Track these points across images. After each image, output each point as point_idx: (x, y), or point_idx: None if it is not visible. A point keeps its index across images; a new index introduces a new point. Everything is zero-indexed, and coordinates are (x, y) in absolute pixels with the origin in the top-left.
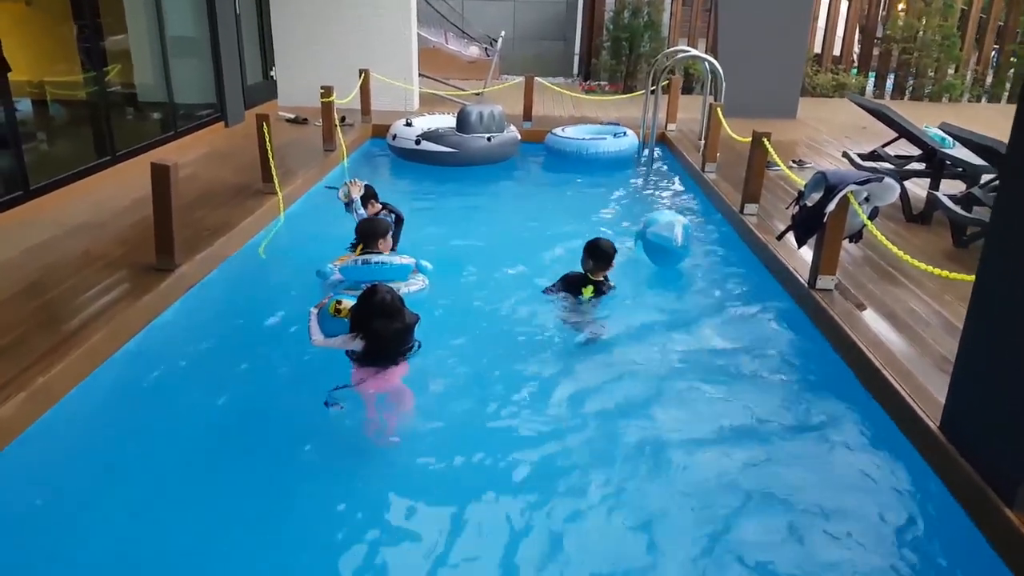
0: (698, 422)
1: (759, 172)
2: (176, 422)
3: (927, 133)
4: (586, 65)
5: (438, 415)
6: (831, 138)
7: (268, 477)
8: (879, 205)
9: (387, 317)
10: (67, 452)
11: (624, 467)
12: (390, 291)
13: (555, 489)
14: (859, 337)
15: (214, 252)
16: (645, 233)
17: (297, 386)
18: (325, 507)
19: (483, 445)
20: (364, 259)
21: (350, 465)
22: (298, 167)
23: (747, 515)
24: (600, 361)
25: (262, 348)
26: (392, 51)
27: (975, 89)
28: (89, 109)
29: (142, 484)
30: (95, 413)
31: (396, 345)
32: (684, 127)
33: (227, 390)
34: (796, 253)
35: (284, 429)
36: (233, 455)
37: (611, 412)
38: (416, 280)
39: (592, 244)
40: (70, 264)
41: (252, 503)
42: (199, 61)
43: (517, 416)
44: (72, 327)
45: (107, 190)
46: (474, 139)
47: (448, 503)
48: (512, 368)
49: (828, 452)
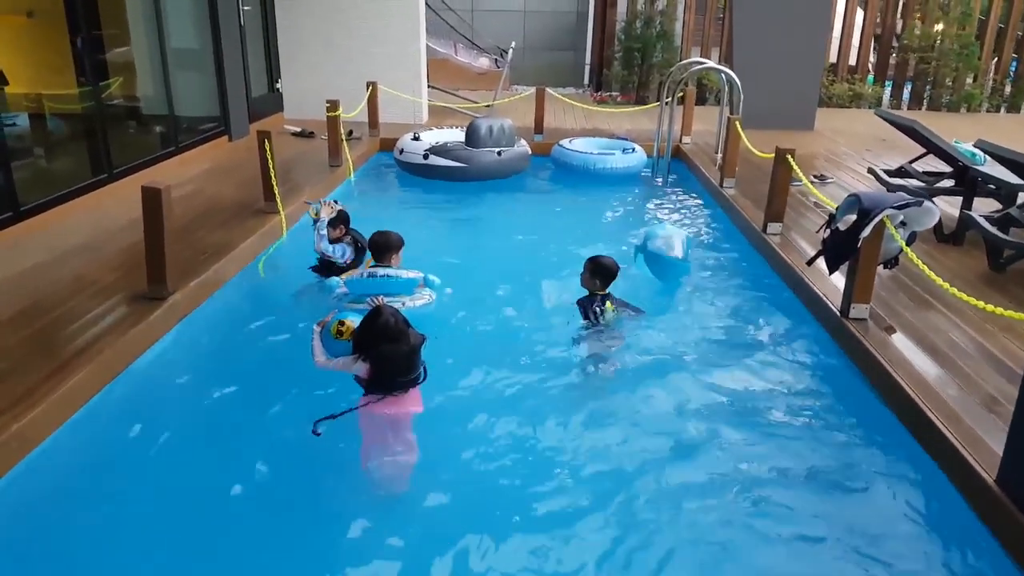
0: (719, 466)
1: (783, 189)
2: (161, 485)
3: (958, 149)
4: (597, 75)
5: (442, 441)
6: (851, 151)
7: (269, 532)
8: (917, 230)
9: (391, 340)
10: (38, 511)
11: (639, 511)
12: (394, 313)
13: (561, 529)
14: (899, 373)
15: (210, 277)
16: (645, 246)
17: (299, 426)
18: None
19: (488, 475)
20: (371, 272)
21: (364, 518)
22: (303, 183)
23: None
24: (615, 393)
25: (260, 383)
26: (400, 62)
27: (994, 99)
28: (85, 123)
29: (122, 550)
30: (69, 467)
31: (403, 369)
32: (699, 140)
33: (215, 439)
34: (826, 277)
35: (289, 477)
36: (230, 511)
37: (624, 451)
38: (422, 294)
39: (596, 262)
40: (59, 292)
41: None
42: (202, 73)
43: (524, 449)
44: (52, 366)
45: (103, 210)
46: (483, 153)
47: (455, 535)
48: (522, 394)
49: (866, 503)
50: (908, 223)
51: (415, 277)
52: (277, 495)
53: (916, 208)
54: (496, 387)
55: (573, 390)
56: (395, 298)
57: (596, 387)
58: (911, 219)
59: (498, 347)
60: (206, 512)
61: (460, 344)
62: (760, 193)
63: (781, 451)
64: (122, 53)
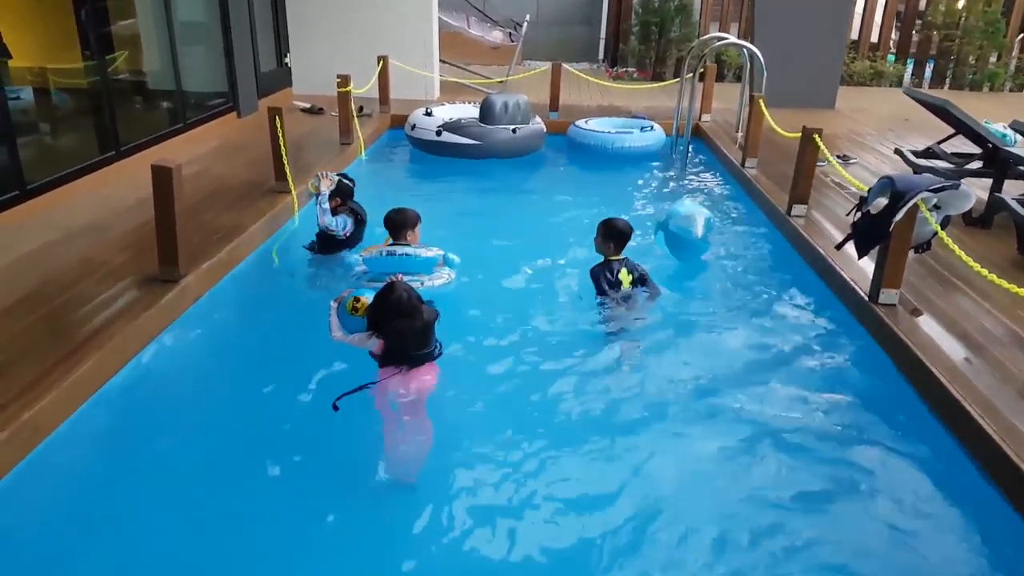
0: (745, 456)
1: (809, 171)
2: (176, 471)
3: (989, 130)
4: (613, 50)
5: (458, 424)
6: (874, 131)
7: (284, 517)
8: (951, 214)
9: (404, 316)
10: (55, 498)
11: (661, 493)
12: (407, 289)
13: (580, 511)
14: (932, 362)
15: (222, 259)
16: (667, 224)
17: (316, 408)
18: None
19: (506, 455)
20: (390, 250)
21: (379, 502)
22: (314, 161)
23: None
24: (637, 380)
25: (274, 369)
26: (412, 36)
27: (1018, 78)
28: (92, 99)
29: (139, 536)
30: (82, 456)
31: (415, 344)
32: (718, 118)
33: (230, 425)
34: (853, 261)
35: (305, 461)
36: (243, 497)
37: (643, 440)
38: (441, 273)
39: (608, 224)
40: (67, 274)
41: (269, 543)
42: (209, 47)
43: (544, 433)
44: (62, 352)
45: (111, 188)
46: (498, 131)
47: (472, 517)
48: (539, 375)
49: (897, 495)
50: (942, 206)
51: (434, 256)
52: (294, 479)
53: (952, 191)
54: (512, 365)
55: (594, 370)
56: (414, 277)
57: (618, 367)
58: (946, 203)
59: (515, 325)
60: (222, 496)
61: (476, 322)
62: (782, 174)
63: (806, 444)
64: (128, 26)
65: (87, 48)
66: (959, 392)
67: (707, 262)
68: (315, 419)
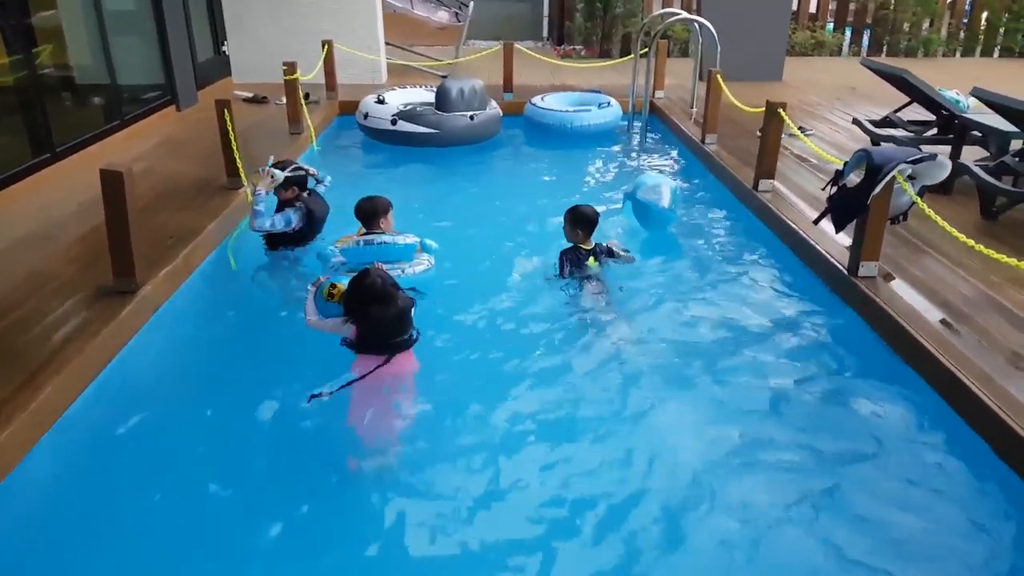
0: (735, 441)
1: (774, 145)
2: (148, 494)
3: (945, 97)
4: (558, 28)
5: (439, 408)
6: (823, 100)
7: (264, 534)
8: (927, 184)
9: (379, 302)
10: (19, 539)
11: (636, 469)
12: (383, 275)
13: (567, 490)
14: (921, 334)
15: (179, 266)
16: (634, 194)
17: (289, 413)
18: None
19: (488, 438)
20: (367, 239)
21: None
22: (264, 154)
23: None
24: (614, 364)
25: (244, 376)
26: (355, 18)
27: (951, 44)
28: (20, 97)
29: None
30: (48, 488)
31: (390, 331)
32: (671, 94)
33: (201, 439)
34: (826, 235)
35: (282, 471)
36: (223, 521)
37: (621, 420)
38: (421, 260)
39: (575, 211)
40: (13, 291)
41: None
42: (143, 37)
43: (523, 414)
44: (19, 379)
45: (50, 194)
46: (456, 118)
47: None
48: (519, 358)
49: (899, 466)
50: (918, 177)
51: (412, 243)
52: (271, 492)
53: (929, 162)
54: (488, 350)
55: (570, 351)
56: (395, 265)
57: (590, 344)
58: (922, 173)
59: (486, 311)
60: (198, 519)
61: (450, 307)
62: (742, 148)
63: (797, 418)
64: (54, 16)
65: (10, 42)
66: (952, 363)
67: (678, 240)
68: (291, 422)
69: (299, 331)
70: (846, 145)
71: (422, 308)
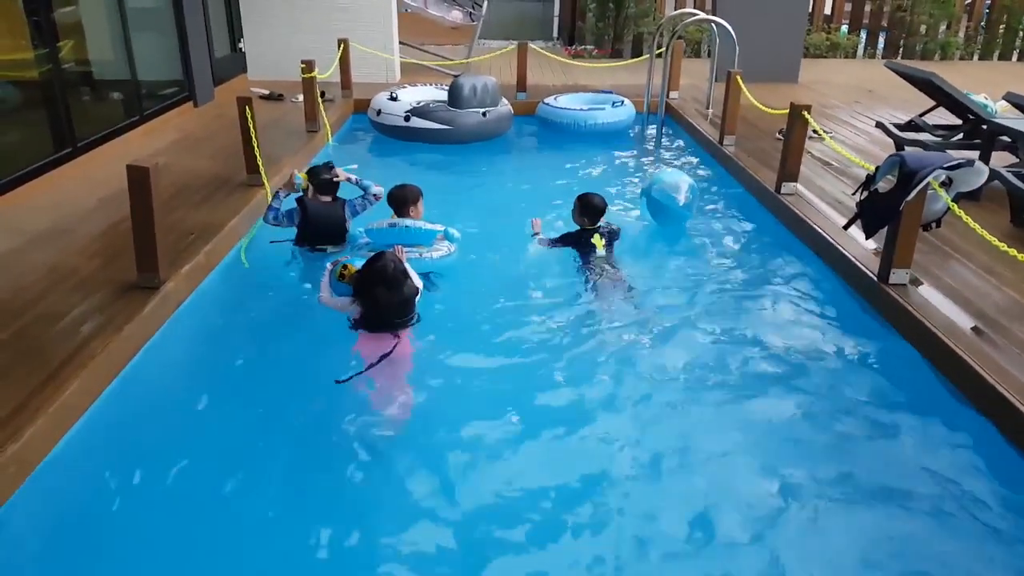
0: (763, 441)
1: (798, 147)
2: (174, 491)
3: (974, 101)
4: (569, 28)
5: (451, 399)
6: (841, 103)
7: (289, 538)
8: (963, 190)
9: (385, 285)
10: (45, 536)
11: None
12: (395, 260)
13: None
14: (956, 343)
15: (201, 262)
16: (650, 191)
17: (312, 403)
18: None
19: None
20: (392, 222)
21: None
22: (281, 152)
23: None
24: (631, 358)
25: (267, 370)
26: (370, 17)
27: (969, 46)
28: (43, 92)
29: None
30: (74, 485)
31: (391, 314)
32: (686, 95)
33: (226, 436)
34: (853, 240)
35: (309, 471)
36: (249, 511)
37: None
38: (441, 246)
39: (583, 199)
40: (35, 285)
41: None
42: (163, 33)
43: (535, 409)
44: (43, 375)
45: (70, 189)
46: (468, 115)
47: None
48: (532, 359)
49: (942, 494)
50: (954, 183)
51: (434, 229)
52: (294, 483)
53: (967, 168)
54: (498, 336)
55: (586, 344)
56: (414, 248)
57: (603, 340)
58: (958, 180)
59: (507, 298)
60: (221, 511)
61: (464, 297)
62: (760, 150)
63: (823, 430)
64: (77, 11)
65: (33, 37)
66: (991, 375)
67: (697, 241)
68: (313, 414)
69: (319, 325)
70: (867, 149)
71: (445, 291)
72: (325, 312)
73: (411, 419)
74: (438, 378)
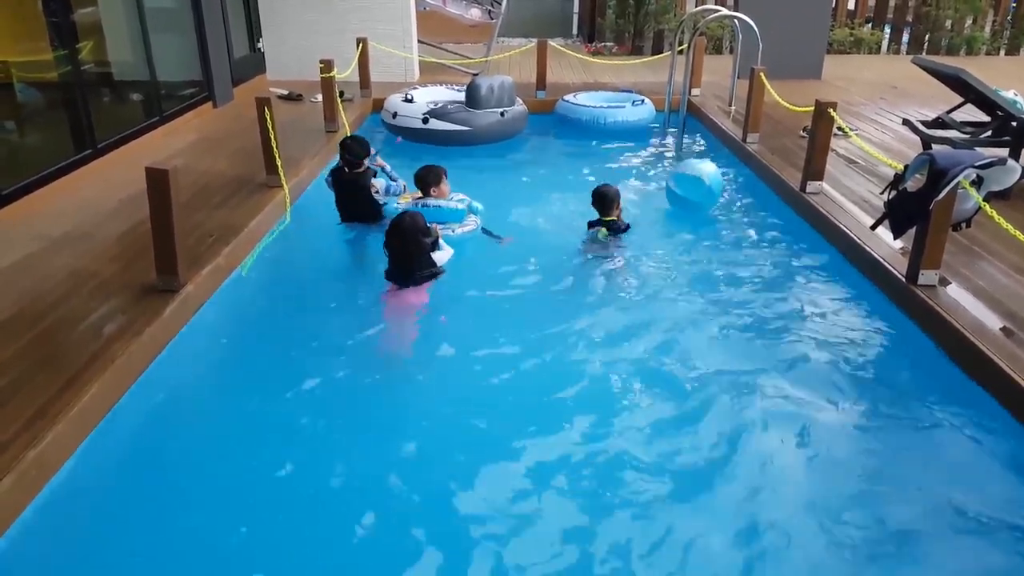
0: (791, 446)
1: (824, 146)
2: (196, 493)
3: (1004, 98)
4: (589, 25)
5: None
6: (865, 100)
7: (318, 543)
8: (995, 189)
9: (395, 235)
10: (69, 540)
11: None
12: (414, 217)
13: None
14: (987, 345)
15: (221, 264)
16: (675, 175)
17: (335, 404)
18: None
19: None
20: (422, 202)
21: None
22: (300, 152)
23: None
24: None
25: (288, 373)
26: (389, 16)
27: (995, 41)
28: (63, 93)
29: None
30: (95, 490)
31: (399, 262)
32: (707, 92)
33: (247, 440)
34: (880, 240)
35: (328, 472)
36: (275, 517)
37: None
38: (468, 222)
39: (595, 191)
40: (55, 288)
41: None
42: (182, 33)
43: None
44: (63, 378)
45: (89, 191)
46: (486, 115)
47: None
48: (557, 347)
49: (975, 498)
50: (985, 182)
51: (461, 208)
52: (326, 495)
53: (1000, 167)
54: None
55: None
56: (447, 226)
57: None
58: (991, 178)
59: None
60: (244, 523)
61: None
62: (784, 148)
63: (853, 432)
64: (97, 12)
65: (53, 38)
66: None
67: (721, 239)
68: (333, 414)
69: (341, 329)
70: (893, 147)
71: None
72: (346, 315)
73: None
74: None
